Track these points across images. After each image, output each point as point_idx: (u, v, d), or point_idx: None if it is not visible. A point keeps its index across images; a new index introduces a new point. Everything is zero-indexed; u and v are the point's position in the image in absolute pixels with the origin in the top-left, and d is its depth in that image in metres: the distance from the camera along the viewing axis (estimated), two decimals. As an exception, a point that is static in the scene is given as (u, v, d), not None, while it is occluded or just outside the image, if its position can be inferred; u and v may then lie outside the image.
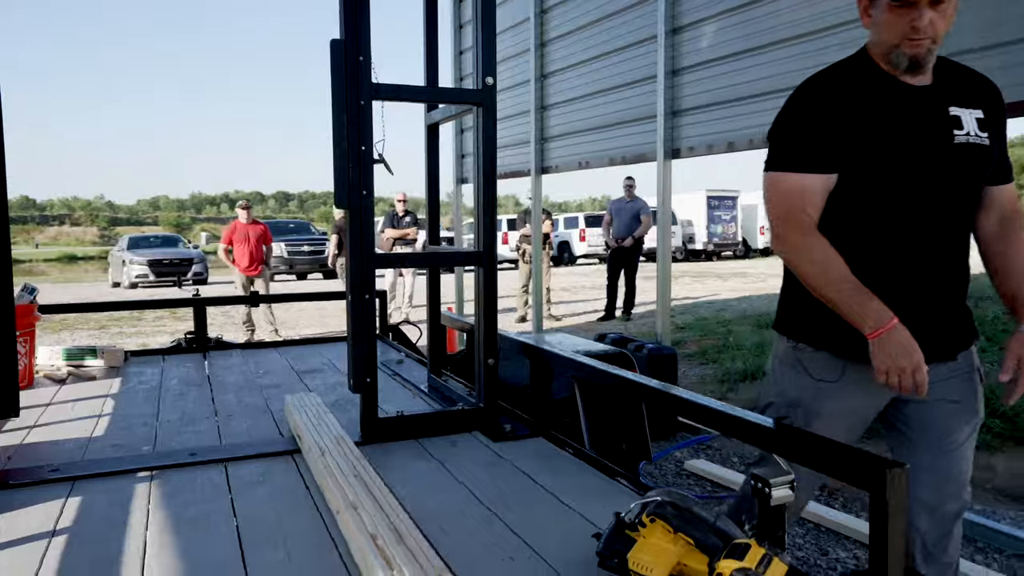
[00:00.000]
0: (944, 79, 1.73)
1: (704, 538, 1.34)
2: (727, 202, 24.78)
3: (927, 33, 1.61)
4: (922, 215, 1.70)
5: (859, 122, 1.67)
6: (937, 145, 1.68)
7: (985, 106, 1.73)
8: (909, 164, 1.67)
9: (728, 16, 3.87)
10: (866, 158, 1.67)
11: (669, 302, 4.45)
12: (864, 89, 1.70)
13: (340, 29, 2.32)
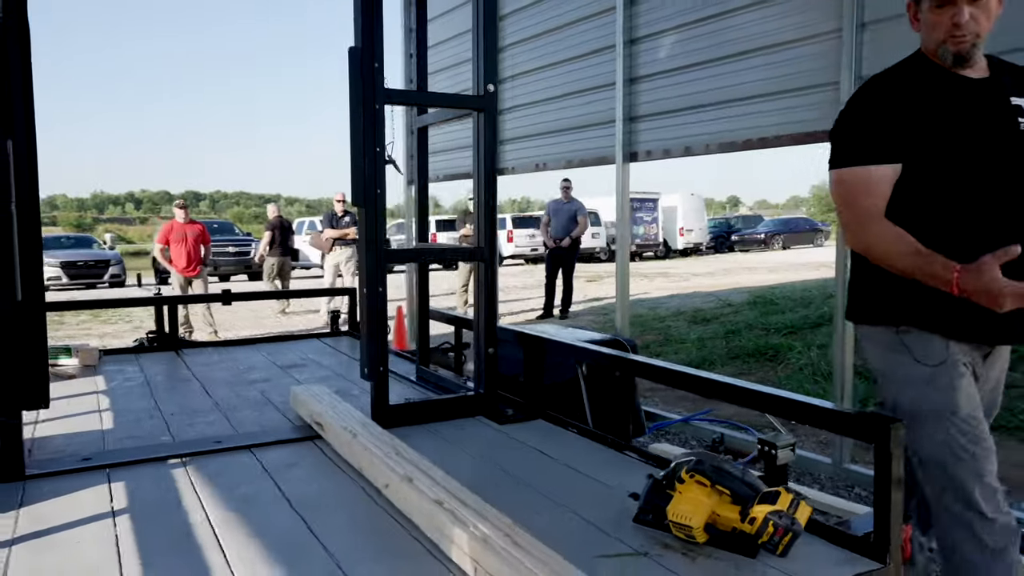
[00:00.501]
0: (999, 72, 1.84)
1: (738, 488, 1.57)
2: (648, 204, 25.58)
3: (969, 29, 1.73)
4: (991, 201, 1.76)
5: (923, 113, 1.76)
6: (1003, 133, 1.77)
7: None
8: (978, 152, 1.75)
9: (683, 30, 4.17)
10: (934, 148, 1.75)
11: (628, 298, 4.72)
12: (925, 83, 1.80)
13: (356, 37, 2.45)
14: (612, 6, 4.50)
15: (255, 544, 1.64)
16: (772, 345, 5.86)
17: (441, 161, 6.36)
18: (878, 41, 3.23)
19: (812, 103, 3.51)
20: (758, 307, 7.75)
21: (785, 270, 15.91)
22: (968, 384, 1.84)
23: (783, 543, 1.49)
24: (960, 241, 1.73)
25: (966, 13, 1.72)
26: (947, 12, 1.74)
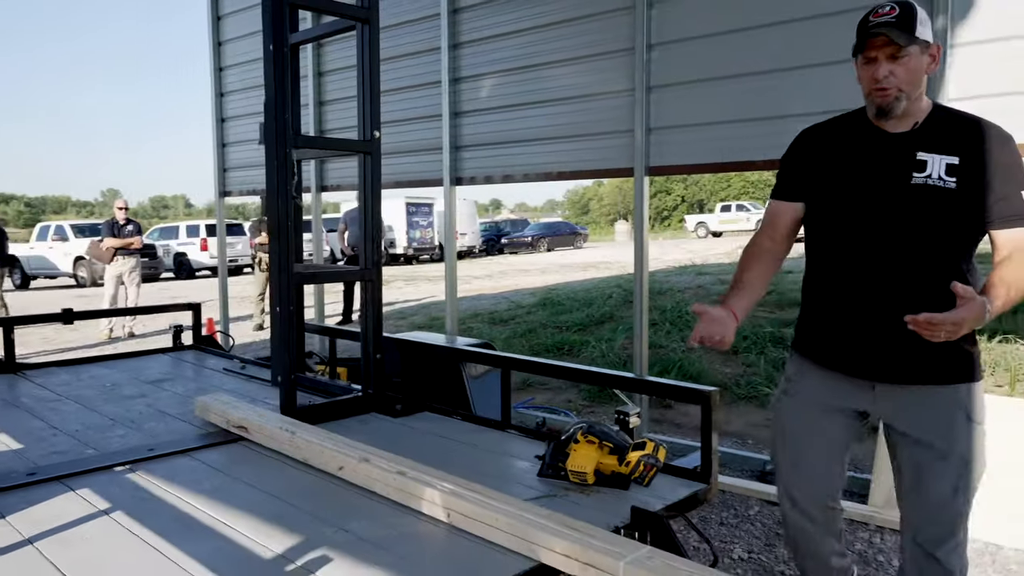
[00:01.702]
0: (929, 127, 1.92)
1: (619, 442, 2.26)
2: (424, 208, 26.42)
3: (889, 83, 1.86)
4: (874, 245, 1.92)
5: (826, 160, 2.00)
6: (891, 184, 1.90)
7: (967, 154, 1.86)
8: (858, 199, 1.93)
9: (501, 75, 4.88)
10: (824, 192, 1.99)
11: (456, 302, 5.34)
12: (842, 133, 2.02)
13: (268, 89, 2.82)
14: (438, 46, 5.09)
15: (256, 522, 2.02)
16: (567, 341, 6.81)
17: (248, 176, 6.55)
18: (661, 102, 4.16)
19: (611, 146, 4.38)
20: (547, 308, 8.76)
21: (555, 271, 17.46)
22: (807, 413, 2.13)
23: (649, 476, 2.20)
24: (839, 276, 1.99)
25: (884, 69, 1.87)
26: (871, 68, 1.90)
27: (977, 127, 1.90)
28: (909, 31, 1.86)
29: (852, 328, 1.98)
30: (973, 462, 1.95)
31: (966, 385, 1.95)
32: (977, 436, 1.95)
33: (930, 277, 1.89)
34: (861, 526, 3.32)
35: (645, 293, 4.26)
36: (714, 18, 3.94)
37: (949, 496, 1.95)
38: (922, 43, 1.87)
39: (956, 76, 3.30)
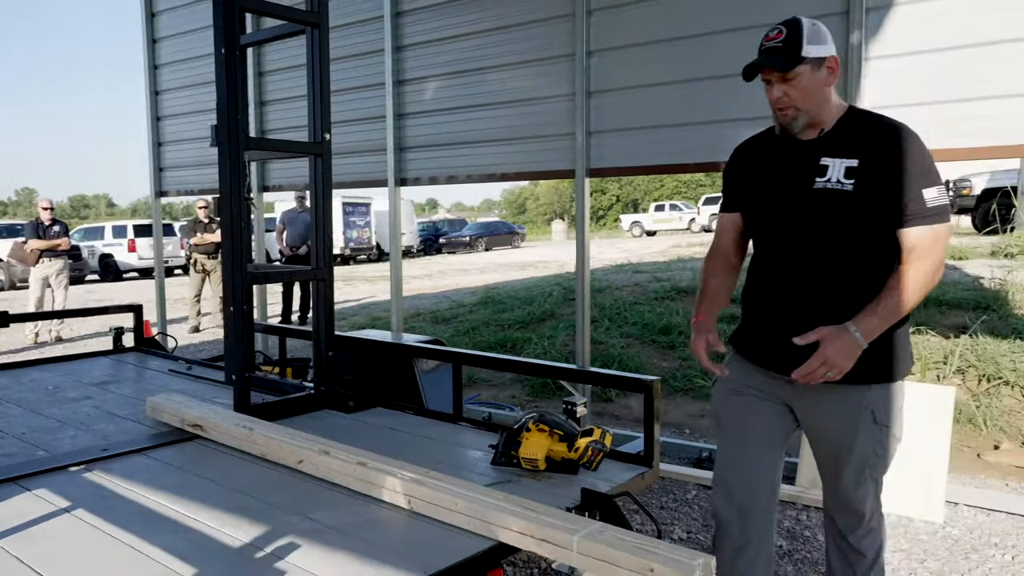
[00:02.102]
0: (836, 132, 1.99)
1: (568, 430, 2.39)
2: (361, 208, 26.21)
3: (784, 103, 1.95)
4: (785, 248, 2.05)
5: (749, 172, 2.13)
6: (796, 190, 2.00)
7: (866, 156, 1.93)
8: (771, 206, 2.06)
9: (445, 78, 4.97)
10: (749, 201, 2.13)
11: (401, 301, 5.41)
12: (767, 145, 2.12)
13: (220, 92, 2.86)
14: (381, 48, 5.16)
15: (220, 514, 2.07)
16: (510, 338, 6.95)
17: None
18: (601, 106, 4.33)
19: (552, 148, 4.53)
20: (488, 306, 8.88)
21: (494, 271, 17.60)
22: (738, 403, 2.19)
23: (596, 461, 2.35)
24: (761, 277, 2.15)
25: (777, 91, 1.96)
26: (768, 89, 2.00)
27: (880, 128, 1.96)
28: (793, 55, 1.92)
29: (772, 328, 2.06)
30: (876, 460, 2.03)
31: (878, 386, 1.99)
32: (882, 437, 2.01)
33: (841, 277, 1.96)
34: (789, 505, 3.55)
35: (587, 291, 4.42)
36: (650, 28, 4.12)
37: (852, 489, 2.07)
38: (812, 61, 1.92)
39: (870, 86, 3.55)
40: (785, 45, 1.93)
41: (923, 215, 1.89)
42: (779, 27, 1.97)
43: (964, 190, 16.16)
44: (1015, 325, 5.95)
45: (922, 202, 1.88)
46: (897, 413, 2.05)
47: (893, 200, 1.89)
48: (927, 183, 1.89)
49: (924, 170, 1.90)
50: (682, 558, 1.63)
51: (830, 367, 1.86)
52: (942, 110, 3.40)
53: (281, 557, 1.82)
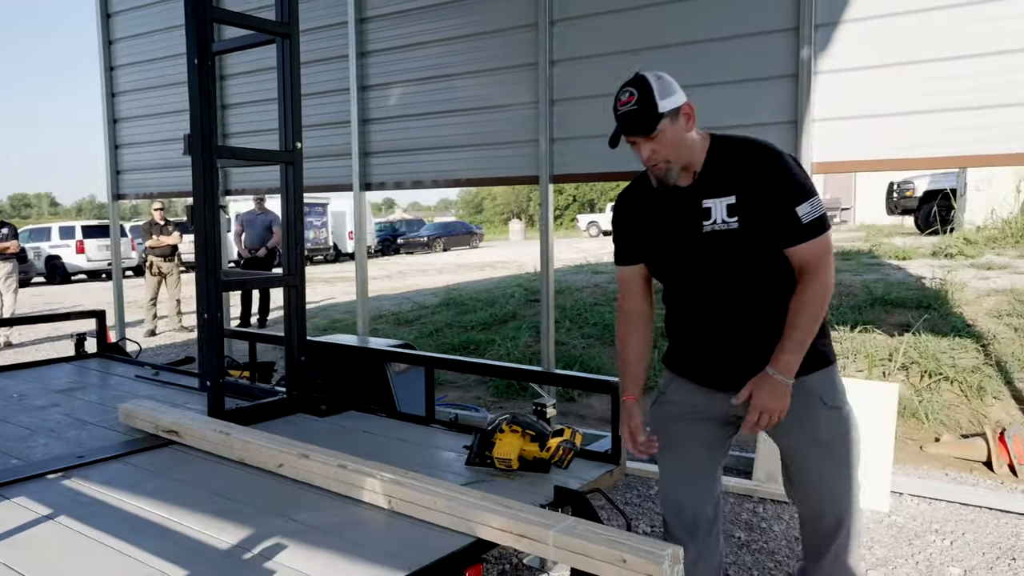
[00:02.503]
0: (708, 172, 2.02)
1: (540, 430, 2.50)
2: (318, 208, 25.99)
3: (655, 160, 1.98)
4: (695, 289, 2.11)
5: (641, 219, 2.15)
6: (688, 236, 2.04)
7: (740, 190, 1.97)
8: (670, 252, 2.11)
9: (410, 84, 5.04)
10: (647, 249, 2.17)
11: (367, 303, 5.46)
12: (645, 196, 2.15)
13: (193, 101, 2.90)
14: (346, 54, 5.20)
15: (204, 518, 2.13)
16: (473, 340, 7.04)
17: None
18: (564, 114, 4.45)
19: (517, 154, 4.63)
20: (451, 308, 8.94)
21: (453, 271, 17.65)
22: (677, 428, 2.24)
23: (567, 460, 2.46)
24: (677, 311, 2.21)
25: (645, 150, 2.00)
26: (635, 148, 2.03)
27: (747, 159, 1.99)
28: (652, 115, 1.94)
29: (704, 355, 2.15)
30: (837, 444, 2.07)
31: (816, 374, 2.06)
32: (836, 419, 2.08)
33: (755, 299, 2.03)
34: (747, 498, 3.72)
35: (551, 294, 4.54)
36: (611, 39, 4.25)
37: (817, 478, 2.10)
38: (670, 114, 1.95)
39: (820, 100, 3.74)
40: (640, 107, 1.96)
41: (799, 232, 1.94)
42: (628, 90, 1.99)
43: (907, 192, 16.75)
44: (954, 323, 6.25)
45: (796, 220, 1.93)
46: (842, 394, 2.12)
47: (772, 226, 1.95)
48: (797, 200, 1.94)
49: (793, 188, 1.95)
50: (652, 549, 1.75)
51: (769, 412, 1.96)
52: (884, 122, 3.60)
53: (269, 558, 1.89)
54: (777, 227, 1.95)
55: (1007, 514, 3.56)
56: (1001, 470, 4.21)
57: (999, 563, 3.08)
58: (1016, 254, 10.44)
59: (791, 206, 1.93)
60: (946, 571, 3.03)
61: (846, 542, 2.13)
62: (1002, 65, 3.28)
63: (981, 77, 3.33)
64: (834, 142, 3.72)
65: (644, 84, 1.98)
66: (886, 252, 10.84)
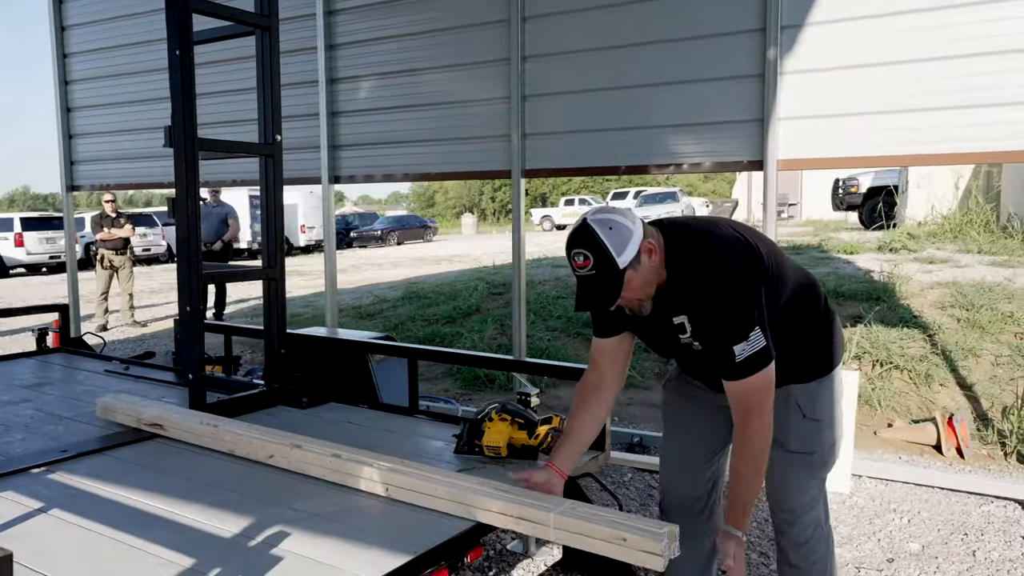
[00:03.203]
0: (672, 287, 1.99)
1: (529, 418, 2.57)
2: (269, 201, 25.50)
3: (631, 305, 1.98)
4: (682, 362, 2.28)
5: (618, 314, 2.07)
6: (670, 343, 2.11)
7: (694, 319, 2.00)
8: (651, 345, 2.23)
9: (380, 78, 5.04)
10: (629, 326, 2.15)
11: (336, 296, 5.45)
12: None
13: (175, 95, 2.88)
14: (314, 46, 5.17)
15: (202, 508, 2.14)
16: (439, 333, 7.07)
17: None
18: (536, 110, 4.51)
19: (489, 149, 4.68)
20: (413, 301, 8.94)
21: (409, 265, 17.58)
22: (681, 403, 2.35)
23: (556, 446, 2.53)
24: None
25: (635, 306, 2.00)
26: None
27: (696, 290, 1.94)
28: (613, 276, 1.87)
29: (699, 378, 2.27)
30: (810, 456, 2.11)
31: (797, 386, 2.10)
32: (813, 431, 2.10)
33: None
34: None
35: (523, 285, 4.61)
36: (583, 36, 4.32)
37: (786, 483, 2.16)
38: (631, 264, 1.88)
39: (785, 99, 3.87)
40: (600, 271, 1.88)
41: (733, 371, 1.92)
42: (581, 252, 1.89)
43: (852, 188, 17.30)
44: (902, 315, 6.53)
45: (730, 359, 1.91)
46: (824, 406, 2.14)
47: (713, 358, 1.97)
48: (734, 338, 1.89)
49: (731, 326, 1.90)
50: (650, 527, 1.84)
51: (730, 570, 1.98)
52: (847, 122, 3.76)
53: (274, 544, 1.92)
54: (716, 358, 1.95)
55: (957, 493, 3.77)
56: (949, 453, 4.45)
57: (953, 538, 3.27)
58: (955, 248, 10.91)
59: (729, 344, 1.90)
60: (906, 547, 3.20)
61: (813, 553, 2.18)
62: (958, 69, 3.46)
63: (938, 80, 3.50)
64: (799, 140, 3.86)
65: (596, 244, 1.87)
66: (835, 247, 11.20)
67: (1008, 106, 3.42)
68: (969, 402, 5.16)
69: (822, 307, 2.17)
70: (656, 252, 1.94)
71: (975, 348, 5.84)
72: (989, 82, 3.44)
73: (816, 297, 2.17)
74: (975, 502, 3.65)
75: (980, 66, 3.46)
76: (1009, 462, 4.33)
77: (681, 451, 2.36)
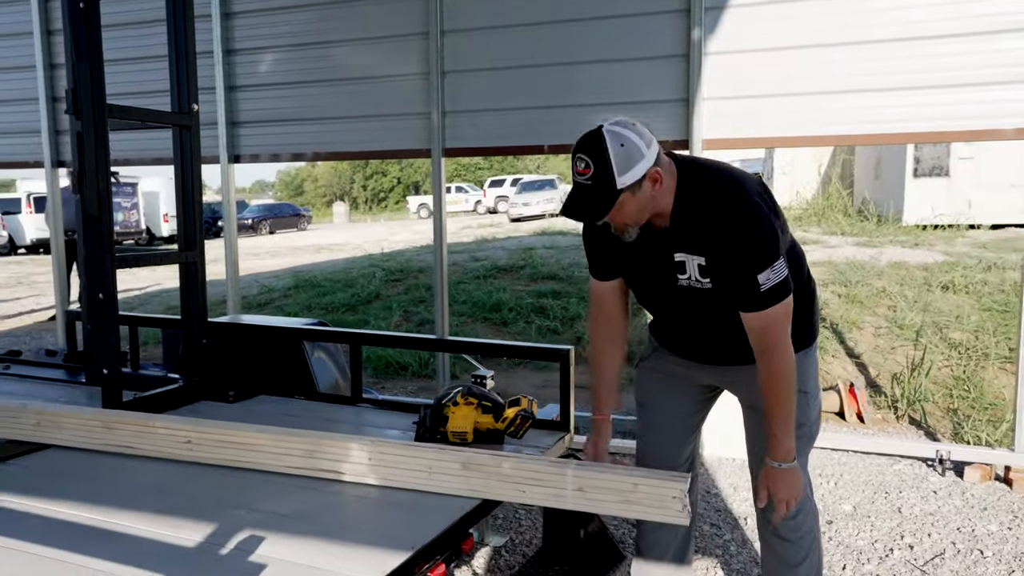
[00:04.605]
0: (680, 223, 1.90)
1: (494, 401, 2.46)
2: (127, 189, 23.72)
3: (616, 225, 1.89)
4: (670, 313, 2.13)
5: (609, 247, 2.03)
6: (663, 283, 2.00)
7: (708, 254, 1.89)
8: (643, 288, 2.10)
9: (285, 50, 4.73)
10: (623, 270, 2.11)
11: (237, 285, 5.09)
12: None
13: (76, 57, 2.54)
14: (208, 13, 4.77)
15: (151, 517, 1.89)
16: (342, 321, 6.78)
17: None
18: (455, 87, 4.36)
19: (407, 127, 4.49)
20: (305, 290, 8.55)
21: (287, 255, 16.86)
22: (657, 383, 2.28)
23: (524, 429, 2.44)
24: (654, 322, 2.26)
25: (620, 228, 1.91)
26: None
27: (715, 219, 1.87)
28: (608, 193, 1.79)
29: (681, 347, 2.20)
30: (801, 427, 2.04)
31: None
32: (801, 403, 2.02)
33: (729, 321, 1.96)
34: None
35: (445, 267, 4.47)
36: (505, 11, 4.21)
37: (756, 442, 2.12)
38: (631, 187, 1.80)
39: (707, 79, 3.94)
40: (597, 184, 1.79)
41: (756, 302, 1.87)
42: (584, 159, 1.81)
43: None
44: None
45: (754, 288, 1.86)
46: (810, 378, 2.13)
47: (734, 291, 1.90)
48: (758, 267, 1.85)
49: (756, 255, 1.85)
50: (661, 476, 1.83)
51: (788, 498, 1.98)
52: (769, 102, 3.87)
53: (250, 551, 1.72)
54: (735, 294, 1.90)
55: (869, 455, 4.00)
56: (852, 419, 4.72)
57: (877, 498, 3.46)
58: (821, 231, 11.68)
59: (753, 274, 1.84)
60: (840, 508, 3.35)
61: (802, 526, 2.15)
62: (876, 52, 3.63)
63: (856, 62, 3.66)
64: (721, 120, 3.94)
65: (602, 155, 1.78)
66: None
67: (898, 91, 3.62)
68: (859, 371, 5.51)
69: (806, 274, 2.17)
70: (661, 183, 1.85)
71: (857, 321, 6.25)
72: (882, 68, 3.63)
73: (802, 263, 2.15)
74: (886, 462, 3.89)
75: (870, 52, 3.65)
76: (902, 424, 4.65)
77: (659, 431, 2.30)
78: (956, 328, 5.92)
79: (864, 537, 3.07)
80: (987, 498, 3.45)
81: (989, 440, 4.18)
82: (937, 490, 3.54)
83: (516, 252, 10.06)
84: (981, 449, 3.89)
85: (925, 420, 4.56)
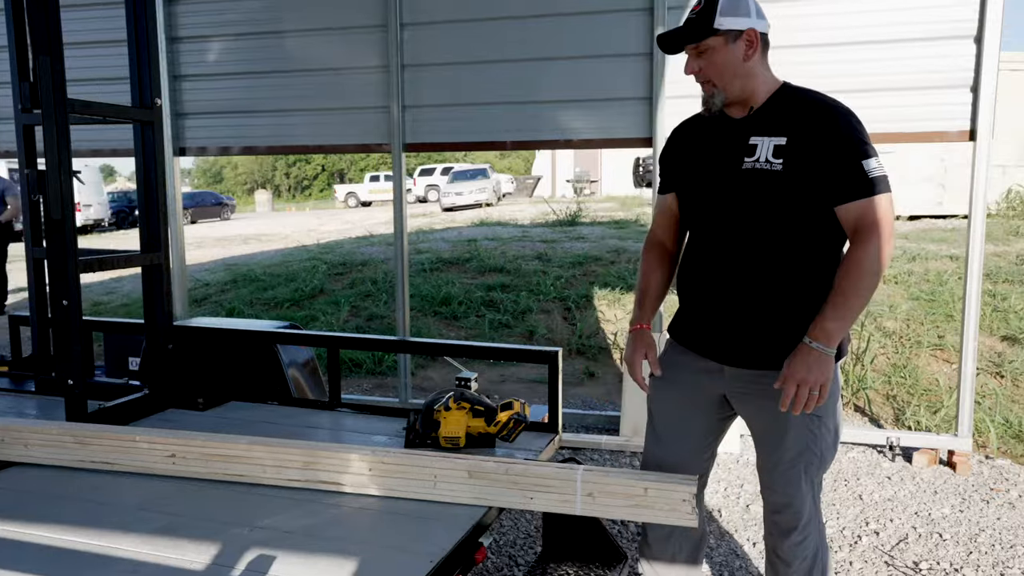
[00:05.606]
0: (766, 110, 1.88)
1: (487, 405, 2.44)
2: (35, 176, 22.40)
3: (700, 78, 1.88)
4: (718, 232, 1.95)
5: (688, 150, 2.02)
6: (725, 171, 1.90)
7: (793, 133, 1.82)
8: (701, 187, 1.97)
9: (235, 39, 4.55)
10: (682, 180, 2.05)
11: (185, 282, 4.89)
12: (698, 127, 2.04)
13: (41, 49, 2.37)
14: (149, -1, 4.53)
15: (151, 539, 1.81)
16: (289, 317, 6.58)
17: None
18: (415, 81, 4.29)
19: (366, 121, 4.39)
20: (244, 285, 8.27)
21: (212, 246, 16.26)
22: (672, 398, 2.11)
23: (516, 432, 2.43)
24: (695, 263, 2.04)
25: (691, 65, 1.90)
26: (687, 63, 1.93)
27: (810, 106, 1.85)
28: (703, 27, 1.83)
29: (706, 311, 2.01)
30: (810, 455, 1.93)
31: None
32: (814, 428, 1.91)
33: (777, 261, 1.87)
34: (620, 454, 3.95)
35: (406, 262, 4.40)
36: (465, 5, 4.16)
37: (787, 487, 1.97)
38: (726, 33, 1.83)
39: (670, 78, 3.98)
40: (699, 16, 1.86)
41: (864, 187, 1.76)
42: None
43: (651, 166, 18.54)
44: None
45: (861, 173, 1.76)
46: (829, 401, 1.87)
47: (826, 176, 1.78)
48: (864, 155, 1.78)
49: (858, 142, 1.79)
50: (671, 480, 1.86)
51: (809, 385, 1.75)
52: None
53: (263, 571, 1.66)
54: (834, 180, 1.78)
55: (822, 444, 4.15)
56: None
57: (838, 485, 3.61)
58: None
59: (858, 159, 1.77)
60: (804, 498, 3.48)
61: (802, 553, 2.02)
62: (827, 56, 3.75)
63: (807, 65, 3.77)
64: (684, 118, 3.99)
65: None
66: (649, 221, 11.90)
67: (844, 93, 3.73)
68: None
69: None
70: (754, 50, 1.86)
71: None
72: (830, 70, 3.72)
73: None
74: (842, 450, 4.04)
75: (820, 55, 3.77)
76: (848, 412, 4.85)
77: (673, 451, 2.13)
78: (889, 317, 6.21)
79: (832, 525, 3.19)
80: (935, 481, 3.64)
81: (928, 425, 4.40)
82: (891, 476, 3.71)
83: (459, 244, 10.00)
84: (927, 435, 4.09)
85: (870, 407, 4.77)
